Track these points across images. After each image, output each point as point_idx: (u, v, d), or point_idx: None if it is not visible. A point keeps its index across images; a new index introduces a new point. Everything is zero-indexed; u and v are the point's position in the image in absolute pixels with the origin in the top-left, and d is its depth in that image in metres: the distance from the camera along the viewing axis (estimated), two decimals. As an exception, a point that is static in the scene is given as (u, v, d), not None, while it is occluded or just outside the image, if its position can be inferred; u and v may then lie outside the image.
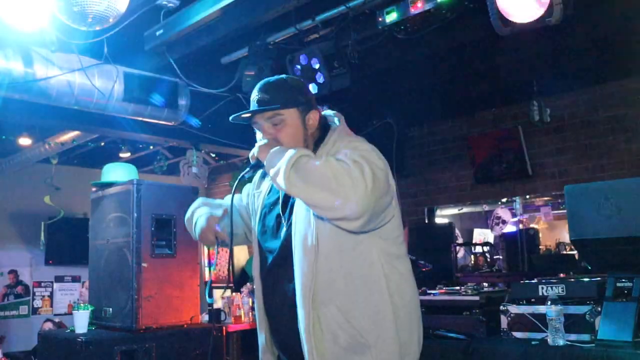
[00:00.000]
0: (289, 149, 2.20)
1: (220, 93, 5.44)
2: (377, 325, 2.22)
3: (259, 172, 2.63)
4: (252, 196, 2.67)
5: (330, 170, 2.06)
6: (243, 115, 2.40)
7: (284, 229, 2.40)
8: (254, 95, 2.42)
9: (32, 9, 3.71)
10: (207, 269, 9.42)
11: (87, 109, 4.97)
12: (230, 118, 2.42)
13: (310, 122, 2.42)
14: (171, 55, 4.89)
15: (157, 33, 4.62)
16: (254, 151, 2.33)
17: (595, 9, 4.54)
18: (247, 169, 2.41)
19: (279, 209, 2.45)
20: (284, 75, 2.52)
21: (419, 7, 4.04)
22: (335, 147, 2.35)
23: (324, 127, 2.47)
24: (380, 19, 4.22)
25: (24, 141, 7.77)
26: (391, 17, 4.17)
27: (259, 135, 2.44)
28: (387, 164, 2.25)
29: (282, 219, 2.42)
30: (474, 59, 5.63)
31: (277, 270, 2.42)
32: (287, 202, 2.41)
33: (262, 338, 2.53)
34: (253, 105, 2.41)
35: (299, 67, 4.92)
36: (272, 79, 2.48)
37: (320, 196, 2.06)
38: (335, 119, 2.50)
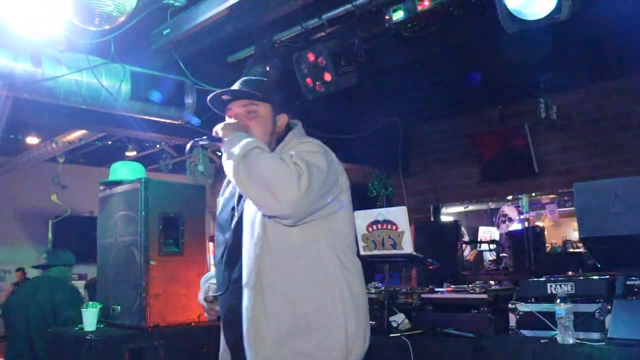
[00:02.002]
0: (248, 137, 2.31)
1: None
2: (322, 311, 2.28)
3: (225, 180, 2.71)
4: (218, 203, 2.76)
5: (272, 169, 2.17)
6: (223, 97, 2.52)
7: (235, 220, 2.49)
8: (234, 86, 2.59)
9: (43, 18, 3.75)
10: (212, 267, 9.43)
11: (94, 107, 4.97)
12: (209, 97, 2.54)
13: (279, 123, 2.58)
14: (178, 54, 4.89)
15: (164, 32, 4.62)
16: (219, 126, 2.40)
17: (602, 5, 4.53)
18: (205, 137, 2.45)
19: (233, 202, 2.56)
20: (264, 78, 2.64)
21: (425, 5, 4.03)
22: (288, 145, 2.45)
23: (288, 130, 2.60)
24: (387, 17, 4.21)
25: (32, 140, 7.81)
26: (398, 15, 4.17)
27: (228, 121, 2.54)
28: (332, 162, 2.36)
29: (235, 211, 2.52)
30: (481, 56, 5.61)
31: (228, 260, 2.49)
32: (242, 195, 2.47)
33: (223, 335, 2.59)
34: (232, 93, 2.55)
35: (305, 65, 4.91)
36: (253, 77, 2.74)
37: (256, 192, 2.20)
38: (297, 124, 2.65)
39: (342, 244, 2.41)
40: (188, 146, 2.48)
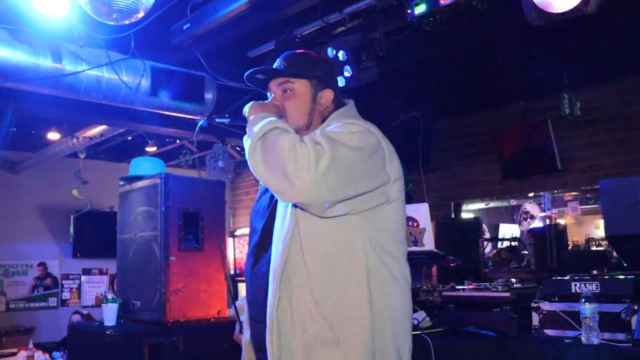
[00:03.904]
0: (271, 117, 2.14)
1: (246, 87, 5.41)
2: (349, 321, 2.05)
3: None
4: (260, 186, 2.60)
5: (287, 150, 1.97)
6: (258, 76, 2.37)
7: (270, 208, 2.34)
8: (275, 63, 2.42)
9: (63, 13, 3.75)
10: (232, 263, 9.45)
11: (114, 103, 4.98)
12: (245, 77, 2.38)
13: (322, 100, 2.38)
14: (198, 49, 4.88)
15: (184, 27, 4.61)
16: (248, 105, 2.27)
17: (628, -1, 4.46)
18: (227, 116, 2.36)
19: None
20: (312, 51, 2.50)
21: (448, -1, 3.98)
22: (329, 127, 2.23)
23: (337, 107, 2.41)
24: (409, 11, 4.15)
25: (53, 136, 7.85)
26: (420, 8, 4.11)
27: None
28: (375, 146, 2.14)
29: (273, 198, 2.33)
30: (504, 50, 5.54)
31: (258, 250, 2.35)
32: None
33: (247, 334, 2.44)
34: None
35: (326, 60, 4.88)
36: (297, 51, 2.47)
37: (271, 176, 2.02)
38: (348, 102, 2.46)
39: (388, 244, 2.16)
40: (200, 122, 2.41)
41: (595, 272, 3.74)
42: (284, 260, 2.10)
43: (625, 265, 3.46)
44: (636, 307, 2.97)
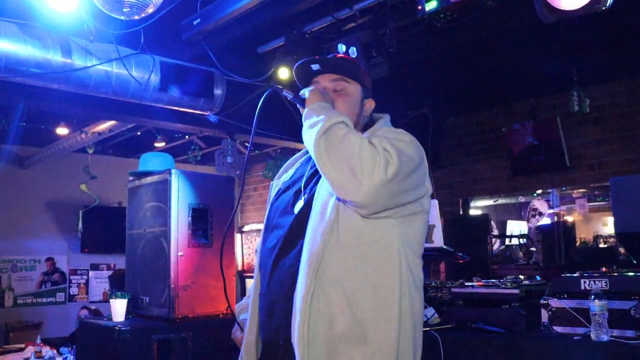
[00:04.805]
0: (335, 110, 2.16)
1: (256, 83, 5.43)
2: (379, 321, 2.05)
3: (286, 164, 2.59)
4: (271, 187, 2.57)
5: (358, 148, 1.98)
6: (312, 67, 2.36)
7: (302, 202, 2.29)
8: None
9: (73, 8, 3.76)
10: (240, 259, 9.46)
11: (123, 98, 4.99)
12: (297, 64, 2.38)
13: (366, 107, 2.41)
14: (208, 44, 4.88)
15: (194, 22, 4.61)
16: (306, 90, 2.26)
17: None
18: (289, 94, 2.29)
19: (300, 184, 2.36)
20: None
21: (459, -5, 3.97)
22: (379, 131, 2.25)
23: (373, 119, 2.44)
24: (419, 7, 4.14)
25: (62, 131, 7.86)
26: (431, 5, 4.10)
27: None
28: (423, 159, 2.18)
29: (302, 193, 2.31)
30: (513, 47, 5.53)
31: (284, 244, 2.27)
32: (313, 177, 2.32)
33: (251, 334, 2.36)
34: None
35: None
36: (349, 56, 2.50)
37: (336, 171, 2.01)
38: (385, 116, 2.47)
39: (414, 252, 2.19)
40: (267, 91, 2.30)
41: (604, 269, 3.73)
42: (321, 254, 2.08)
43: (634, 262, 3.45)
44: (646, 305, 2.96)
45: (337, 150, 2.01)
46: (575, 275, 3.44)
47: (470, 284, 4.00)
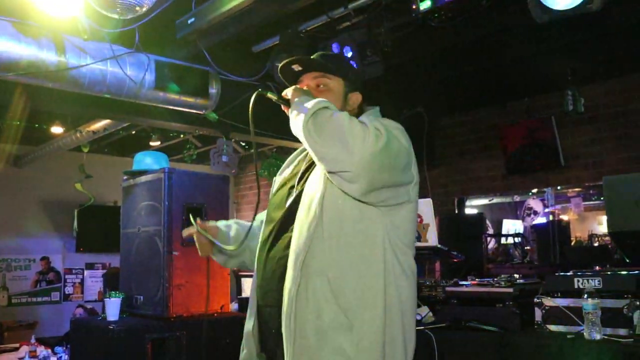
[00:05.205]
0: (319, 98, 2.25)
1: (251, 81, 5.42)
2: (365, 309, 2.13)
3: (287, 160, 2.66)
4: (274, 182, 2.65)
5: (347, 123, 2.09)
6: (294, 67, 2.44)
7: (292, 197, 2.38)
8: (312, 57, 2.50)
9: (67, 6, 3.75)
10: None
11: (118, 97, 4.97)
12: (280, 66, 2.45)
13: (351, 101, 2.47)
14: (202, 43, 4.87)
15: (189, 21, 4.60)
16: (288, 90, 2.35)
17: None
18: (274, 93, 2.38)
19: (294, 181, 2.45)
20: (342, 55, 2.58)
21: (453, -6, 3.98)
22: (367, 118, 2.31)
23: (360, 112, 2.49)
24: (414, 7, 4.15)
25: (56, 129, 7.85)
26: (425, 4, 4.10)
27: None
28: (411, 146, 2.26)
29: (294, 189, 2.40)
30: (508, 47, 5.54)
31: (275, 237, 2.37)
32: (305, 173, 2.41)
33: (249, 324, 2.44)
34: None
35: (330, 55, 4.87)
36: (329, 52, 2.54)
37: (327, 146, 2.10)
38: (374, 107, 2.54)
39: (402, 241, 2.24)
40: (254, 96, 2.37)
41: (597, 267, 3.74)
42: (307, 246, 2.17)
43: (627, 261, 3.46)
44: (638, 303, 2.97)
45: (326, 129, 2.11)
46: (568, 274, 3.45)
47: (464, 282, 4.00)
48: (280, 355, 2.19)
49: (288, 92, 2.34)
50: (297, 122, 2.19)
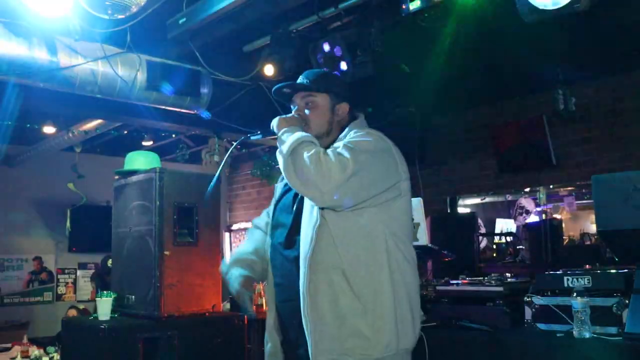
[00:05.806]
0: (299, 131, 2.48)
1: (242, 81, 5.43)
2: (375, 294, 2.38)
3: None
4: (276, 188, 2.90)
5: (314, 163, 2.31)
6: (284, 90, 2.71)
7: (297, 202, 2.62)
8: (299, 79, 2.75)
9: (58, 6, 3.75)
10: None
11: (110, 97, 4.98)
12: (273, 91, 2.72)
13: (340, 112, 2.71)
14: (194, 43, 4.88)
15: (180, 21, 4.61)
16: (275, 121, 2.58)
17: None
18: (259, 133, 2.72)
19: None
20: (326, 69, 2.74)
21: (443, -6, 3.99)
22: (347, 137, 2.57)
23: (352, 119, 2.74)
24: (403, 7, 4.16)
25: (48, 129, 7.83)
26: (415, 4, 4.12)
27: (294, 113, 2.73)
28: (389, 150, 2.53)
29: (298, 195, 2.62)
30: (498, 47, 5.55)
31: (289, 239, 2.63)
32: None
33: (270, 318, 2.70)
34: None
35: (321, 55, 4.88)
36: (315, 69, 2.89)
37: (303, 186, 2.36)
38: (360, 115, 2.79)
39: (401, 231, 2.51)
40: (237, 142, 2.89)
41: (587, 266, 3.76)
42: (312, 246, 2.41)
43: (616, 260, 3.47)
44: (627, 301, 2.98)
45: (299, 171, 2.35)
46: (558, 272, 3.46)
47: (455, 281, 4.02)
48: (303, 343, 2.43)
49: (274, 124, 2.58)
50: (280, 161, 2.43)
